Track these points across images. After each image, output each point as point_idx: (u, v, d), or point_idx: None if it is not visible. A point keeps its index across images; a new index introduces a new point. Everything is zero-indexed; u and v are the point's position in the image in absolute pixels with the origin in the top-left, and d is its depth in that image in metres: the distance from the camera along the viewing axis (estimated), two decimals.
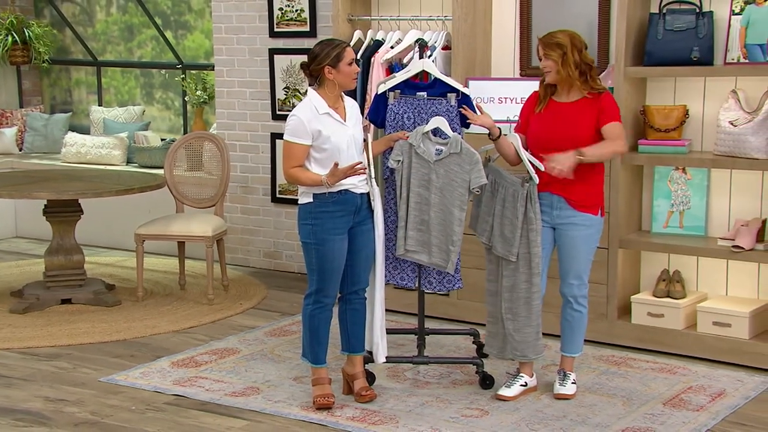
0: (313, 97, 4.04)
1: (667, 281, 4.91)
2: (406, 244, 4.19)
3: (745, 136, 4.54)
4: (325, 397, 4.12)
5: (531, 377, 4.28)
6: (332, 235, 4.01)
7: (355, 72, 4.05)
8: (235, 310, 5.65)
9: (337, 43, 4.05)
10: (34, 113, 8.15)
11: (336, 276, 4.08)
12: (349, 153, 4.02)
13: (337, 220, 4.02)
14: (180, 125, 7.90)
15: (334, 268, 4.06)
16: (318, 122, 3.98)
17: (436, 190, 4.15)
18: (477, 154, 4.13)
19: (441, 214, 4.16)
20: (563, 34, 4.06)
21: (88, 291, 5.75)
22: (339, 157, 3.98)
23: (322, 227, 4.01)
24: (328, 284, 4.08)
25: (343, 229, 4.05)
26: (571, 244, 4.14)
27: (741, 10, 4.64)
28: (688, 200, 4.92)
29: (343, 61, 4.00)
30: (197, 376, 4.55)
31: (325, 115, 4.00)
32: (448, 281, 4.37)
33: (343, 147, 4.01)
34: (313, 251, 4.04)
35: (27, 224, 7.70)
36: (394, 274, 4.35)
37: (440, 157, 4.15)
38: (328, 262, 4.03)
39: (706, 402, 4.18)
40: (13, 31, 7.89)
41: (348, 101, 4.15)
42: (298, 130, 3.98)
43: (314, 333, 4.13)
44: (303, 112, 4.00)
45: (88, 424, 4.01)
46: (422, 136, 4.19)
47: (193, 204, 6.12)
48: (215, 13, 6.65)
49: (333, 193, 4.00)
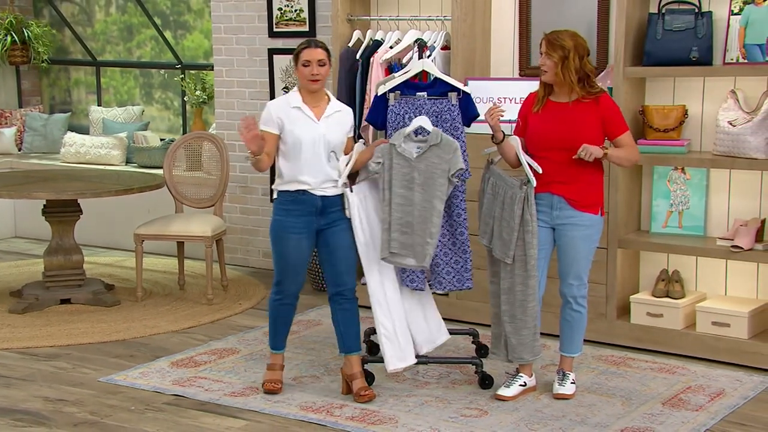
0: (292, 91, 4.20)
1: (666, 281, 4.91)
2: (390, 246, 4.15)
3: (744, 136, 4.54)
4: (272, 382, 4.29)
5: (530, 377, 4.29)
6: (288, 233, 4.13)
7: (310, 73, 4.08)
8: (234, 310, 5.65)
9: (304, 43, 4.14)
10: (33, 113, 8.15)
11: (292, 274, 4.18)
12: (313, 151, 4.10)
13: (294, 218, 4.13)
14: (179, 125, 7.90)
15: (290, 265, 4.16)
16: (284, 113, 4.11)
17: (419, 188, 4.13)
18: (456, 143, 4.12)
19: (424, 212, 4.13)
20: (570, 37, 4.04)
21: (88, 291, 5.75)
22: (300, 152, 4.09)
23: (280, 223, 4.15)
24: (285, 280, 4.21)
25: (302, 229, 4.13)
26: (571, 245, 4.14)
27: (740, 10, 4.64)
28: (687, 200, 4.92)
29: (298, 60, 4.11)
30: (196, 376, 4.55)
31: (296, 109, 4.12)
32: (458, 281, 4.35)
33: (306, 143, 4.08)
34: (273, 246, 4.20)
35: (26, 224, 7.70)
36: (403, 276, 4.33)
37: (421, 152, 4.13)
38: (284, 259, 4.17)
39: (705, 402, 4.18)
40: (13, 31, 7.89)
41: (335, 106, 4.19)
42: (265, 118, 4.16)
43: (273, 321, 4.32)
44: (274, 103, 4.20)
45: (87, 424, 4.01)
46: (404, 137, 4.18)
47: (192, 204, 6.12)
48: (214, 13, 6.65)
49: (290, 191, 4.13)
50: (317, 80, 4.09)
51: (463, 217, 4.33)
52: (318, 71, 4.09)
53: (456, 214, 4.32)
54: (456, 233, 4.33)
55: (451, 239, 4.34)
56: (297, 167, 4.11)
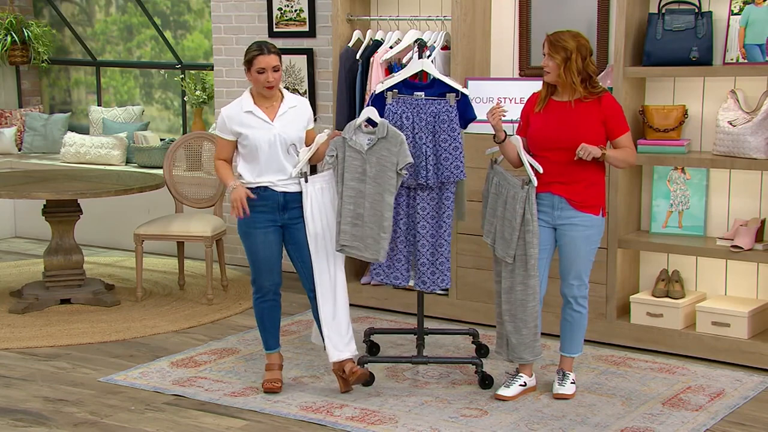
0: (245, 94, 4.23)
1: (666, 281, 4.91)
2: (341, 239, 4.19)
3: (744, 136, 4.54)
4: (271, 381, 4.29)
5: (530, 377, 4.28)
6: (254, 228, 4.20)
7: (265, 80, 4.10)
8: (234, 310, 5.65)
9: (255, 48, 4.13)
10: (33, 113, 8.15)
11: (265, 268, 4.23)
12: (271, 152, 4.15)
13: (258, 214, 4.19)
14: (179, 125, 7.90)
15: (260, 260, 4.22)
16: (238, 120, 4.15)
17: (371, 180, 4.15)
18: (401, 135, 4.13)
19: (375, 204, 4.15)
20: (572, 38, 4.03)
21: (88, 291, 5.75)
22: (258, 154, 4.14)
23: (246, 220, 4.20)
24: (259, 275, 4.25)
25: (267, 224, 4.20)
26: (572, 245, 4.14)
27: (740, 10, 4.64)
28: (687, 200, 4.92)
29: (252, 66, 4.12)
30: (196, 376, 4.55)
31: (248, 113, 4.15)
32: (441, 280, 4.36)
33: (263, 146, 4.14)
34: (243, 243, 4.28)
35: (26, 224, 7.70)
36: (388, 273, 4.35)
37: (371, 144, 4.15)
38: (254, 254, 4.23)
39: (705, 402, 4.18)
40: (13, 31, 7.89)
41: (290, 101, 4.21)
42: (221, 125, 4.22)
43: (260, 321, 4.35)
44: (228, 109, 4.22)
45: (87, 424, 4.01)
46: (355, 129, 4.20)
47: (192, 204, 6.12)
48: (214, 13, 6.65)
49: (253, 188, 4.17)
50: (273, 87, 4.13)
51: (451, 219, 4.32)
52: (273, 77, 4.12)
53: (446, 215, 4.31)
54: (444, 234, 4.32)
55: (438, 240, 4.33)
56: (257, 169, 4.18)
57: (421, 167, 4.25)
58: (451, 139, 4.25)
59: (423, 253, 4.32)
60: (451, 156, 4.25)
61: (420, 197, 4.31)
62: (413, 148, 4.26)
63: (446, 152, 4.25)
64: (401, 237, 4.33)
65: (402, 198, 4.29)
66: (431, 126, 4.27)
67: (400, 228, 4.33)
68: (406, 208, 4.33)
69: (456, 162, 4.25)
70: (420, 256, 4.33)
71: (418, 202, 4.31)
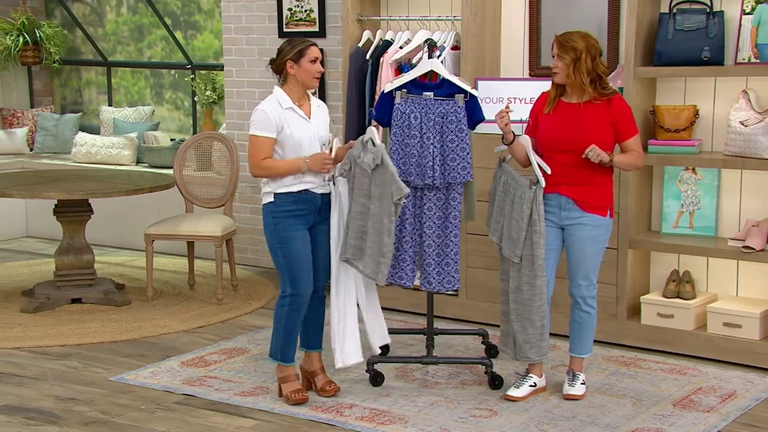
0: (277, 92, 4.10)
1: (676, 282, 4.89)
2: (346, 251, 4.15)
3: (756, 136, 4.52)
4: (298, 392, 4.16)
5: (540, 377, 4.28)
6: (293, 232, 4.06)
7: (317, 71, 4.08)
8: (244, 310, 5.65)
9: (303, 40, 4.11)
10: (44, 113, 8.18)
11: (306, 270, 4.09)
12: (311, 150, 4.07)
13: (297, 218, 4.07)
14: (189, 125, 7.92)
15: (303, 263, 4.08)
16: (282, 117, 4.03)
17: (375, 200, 4.12)
18: (392, 167, 4.06)
19: (377, 224, 4.11)
20: (581, 38, 4.03)
21: (98, 290, 5.77)
22: (300, 153, 4.04)
23: (284, 225, 4.06)
24: (300, 281, 4.08)
25: (304, 226, 4.11)
26: (579, 245, 4.13)
27: (752, 9, 4.63)
28: (698, 200, 4.90)
29: (305, 57, 4.06)
30: (207, 375, 4.56)
31: (289, 110, 4.06)
32: (448, 281, 4.35)
33: (305, 143, 4.06)
34: (279, 251, 4.08)
35: (37, 224, 7.73)
36: (393, 273, 4.34)
37: (373, 166, 4.11)
38: (295, 259, 4.07)
39: (716, 403, 4.16)
40: (25, 32, 7.92)
41: (315, 102, 4.19)
42: (264, 123, 4.03)
43: (289, 333, 4.15)
44: (268, 106, 4.06)
45: (98, 423, 4.02)
46: (362, 146, 4.16)
47: (202, 204, 6.13)
48: (225, 14, 6.66)
49: (293, 192, 4.06)
50: (319, 78, 4.12)
51: (458, 219, 4.32)
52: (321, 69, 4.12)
53: (453, 216, 4.30)
54: (451, 235, 4.31)
55: (444, 241, 4.32)
56: None
57: (428, 168, 4.25)
58: (458, 140, 4.25)
59: (429, 253, 4.31)
60: (458, 157, 4.25)
61: (427, 197, 4.31)
62: (421, 148, 4.26)
63: (453, 153, 4.25)
64: (407, 237, 4.33)
65: (409, 198, 4.29)
66: (439, 126, 4.26)
67: (406, 228, 4.33)
68: (412, 208, 4.33)
69: (463, 163, 4.25)
70: (426, 256, 4.32)
71: (424, 203, 4.31)
